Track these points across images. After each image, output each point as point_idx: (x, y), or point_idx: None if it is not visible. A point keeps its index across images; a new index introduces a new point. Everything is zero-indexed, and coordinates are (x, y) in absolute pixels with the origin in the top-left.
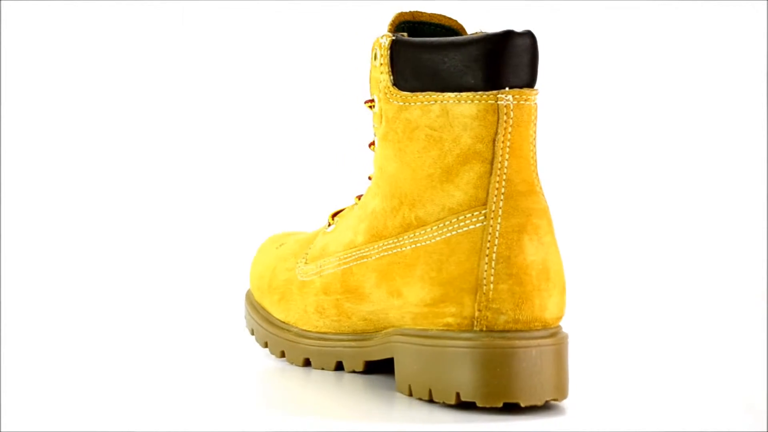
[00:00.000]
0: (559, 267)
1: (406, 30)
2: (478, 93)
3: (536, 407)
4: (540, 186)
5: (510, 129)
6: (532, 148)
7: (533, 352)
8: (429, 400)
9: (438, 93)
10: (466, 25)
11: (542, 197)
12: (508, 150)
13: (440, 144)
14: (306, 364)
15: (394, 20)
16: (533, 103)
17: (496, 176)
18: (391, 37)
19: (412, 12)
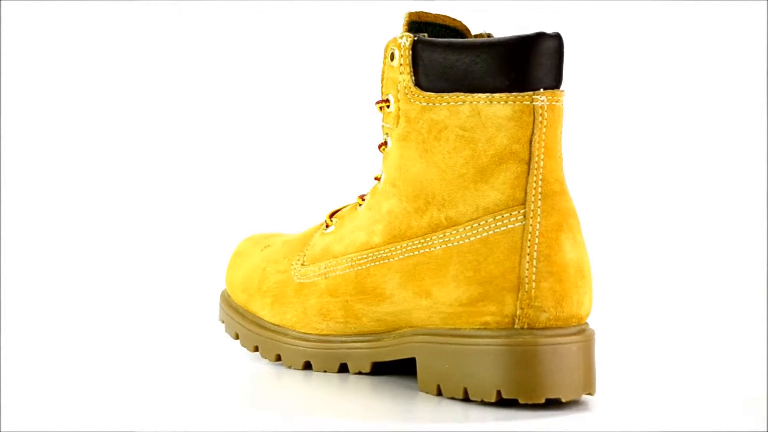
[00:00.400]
0: (589, 265)
1: (410, 30)
2: (512, 94)
3: (558, 403)
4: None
5: (544, 129)
6: (560, 149)
7: (573, 348)
8: (463, 399)
9: (467, 94)
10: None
11: (571, 197)
12: (543, 150)
13: (473, 144)
14: (306, 367)
15: (407, 21)
16: (562, 104)
17: (533, 176)
18: (412, 37)
19: (418, 12)
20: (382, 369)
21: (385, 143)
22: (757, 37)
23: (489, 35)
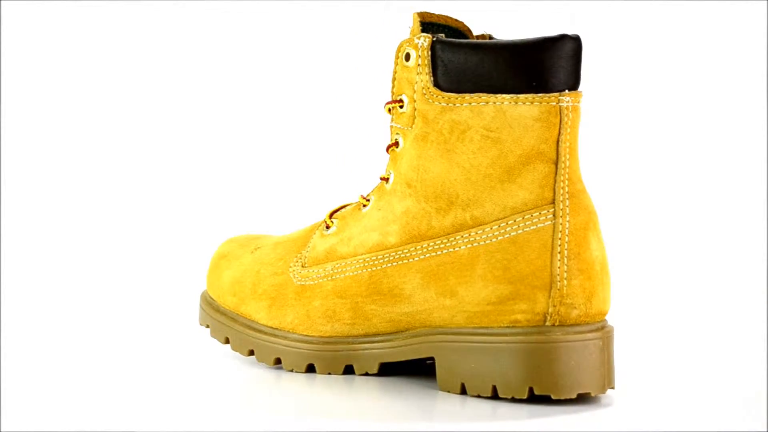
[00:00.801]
0: (608, 262)
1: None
2: (538, 95)
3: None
4: None
5: (569, 130)
6: (578, 149)
7: (599, 344)
8: (490, 397)
9: (489, 94)
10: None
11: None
12: (568, 150)
13: (499, 144)
14: (309, 370)
15: (419, 21)
16: (581, 105)
17: (561, 176)
18: (431, 38)
19: (422, 13)
20: (386, 370)
21: (396, 143)
22: (759, 37)
23: (490, 36)
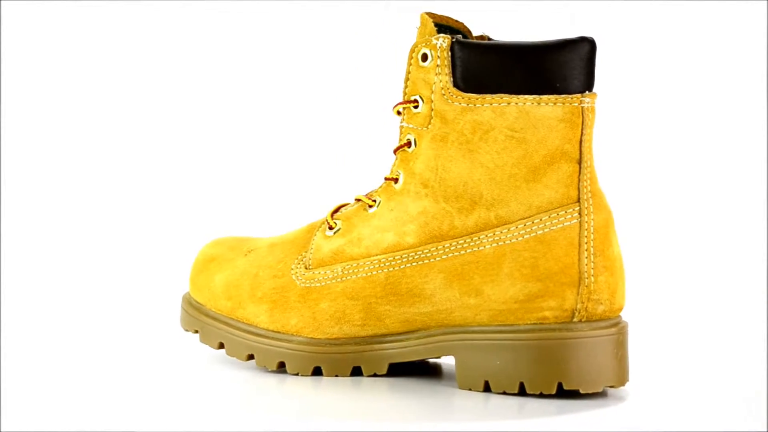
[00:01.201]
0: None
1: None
2: (561, 96)
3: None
4: None
5: (588, 130)
6: None
7: (620, 338)
8: (517, 393)
9: (511, 95)
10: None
11: None
12: (589, 150)
13: (524, 145)
14: (315, 373)
15: (432, 22)
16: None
17: (585, 175)
18: (449, 39)
19: (427, 13)
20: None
21: (408, 144)
22: (757, 36)
23: (488, 38)
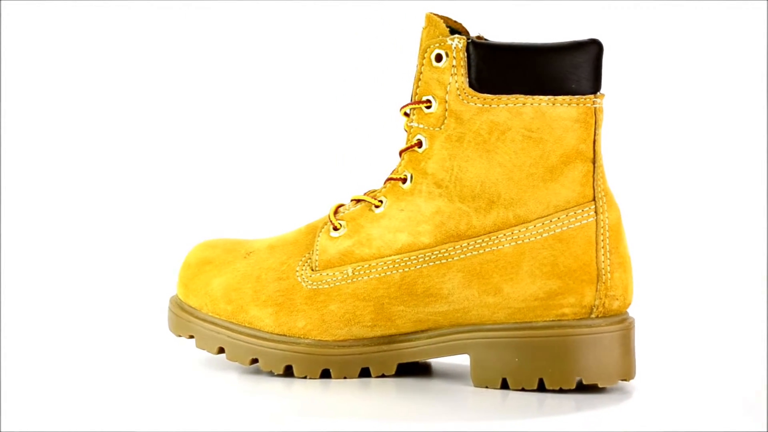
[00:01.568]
0: None
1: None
2: (575, 97)
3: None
4: None
5: (599, 130)
6: None
7: (632, 333)
8: (536, 390)
9: (526, 96)
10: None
11: None
12: (600, 149)
13: (542, 145)
14: (323, 375)
15: (441, 23)
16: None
17: (598, 174)
18: (465, 39)
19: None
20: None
21: (419, 144)
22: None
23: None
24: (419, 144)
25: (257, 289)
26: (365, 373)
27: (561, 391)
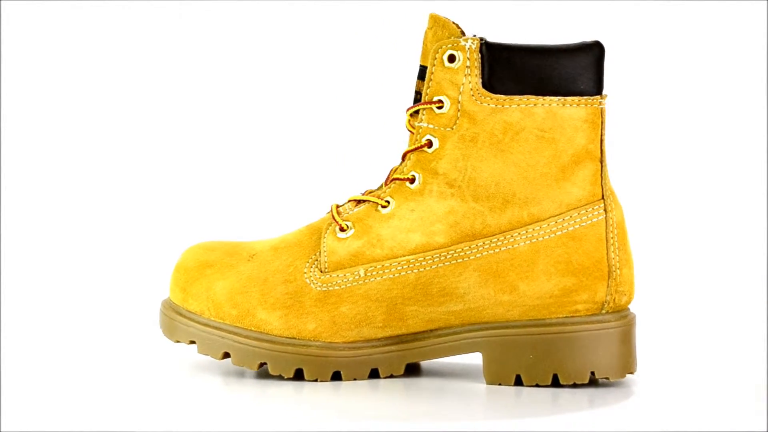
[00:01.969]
0: None
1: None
2: (584, 98)
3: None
4: None
5: (605, 130)
6: None
7: (635, 327)
8: (550, 385)
9: (538, 96)
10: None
11: None
12: (605, 149)
13: (554, 145)
14: (334, 378)
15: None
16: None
17: (605, 173)
18: (479, 40)
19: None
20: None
21: (429, 144)
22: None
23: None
24: (429, 144)
25: (265, 292)
26: (374, 374)
27: (574, 386)
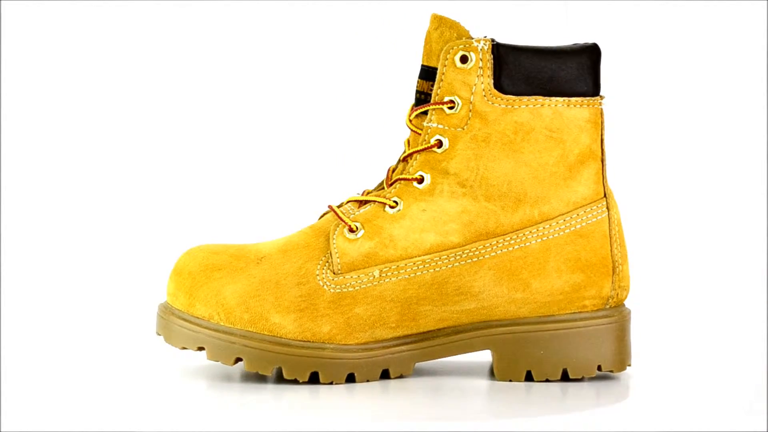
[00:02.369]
0: None
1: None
2: (586, 98)
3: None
4: None
5: (604, 130)
6: None
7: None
8: (560, 380)
9: (545, 97)
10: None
11: None
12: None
13: (562, 144)
14: (348, 380)
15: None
16: None
17: (605, 172)
18: (491, 41)
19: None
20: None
21: (439, 144)
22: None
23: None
24: (438, 144)
25: (278, 296)
26: (384, 375)
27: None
